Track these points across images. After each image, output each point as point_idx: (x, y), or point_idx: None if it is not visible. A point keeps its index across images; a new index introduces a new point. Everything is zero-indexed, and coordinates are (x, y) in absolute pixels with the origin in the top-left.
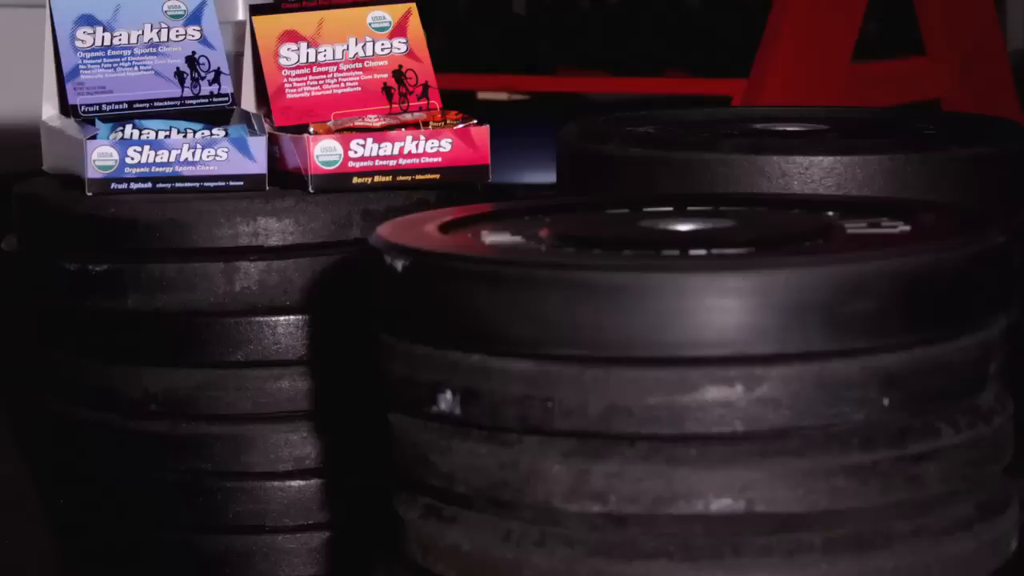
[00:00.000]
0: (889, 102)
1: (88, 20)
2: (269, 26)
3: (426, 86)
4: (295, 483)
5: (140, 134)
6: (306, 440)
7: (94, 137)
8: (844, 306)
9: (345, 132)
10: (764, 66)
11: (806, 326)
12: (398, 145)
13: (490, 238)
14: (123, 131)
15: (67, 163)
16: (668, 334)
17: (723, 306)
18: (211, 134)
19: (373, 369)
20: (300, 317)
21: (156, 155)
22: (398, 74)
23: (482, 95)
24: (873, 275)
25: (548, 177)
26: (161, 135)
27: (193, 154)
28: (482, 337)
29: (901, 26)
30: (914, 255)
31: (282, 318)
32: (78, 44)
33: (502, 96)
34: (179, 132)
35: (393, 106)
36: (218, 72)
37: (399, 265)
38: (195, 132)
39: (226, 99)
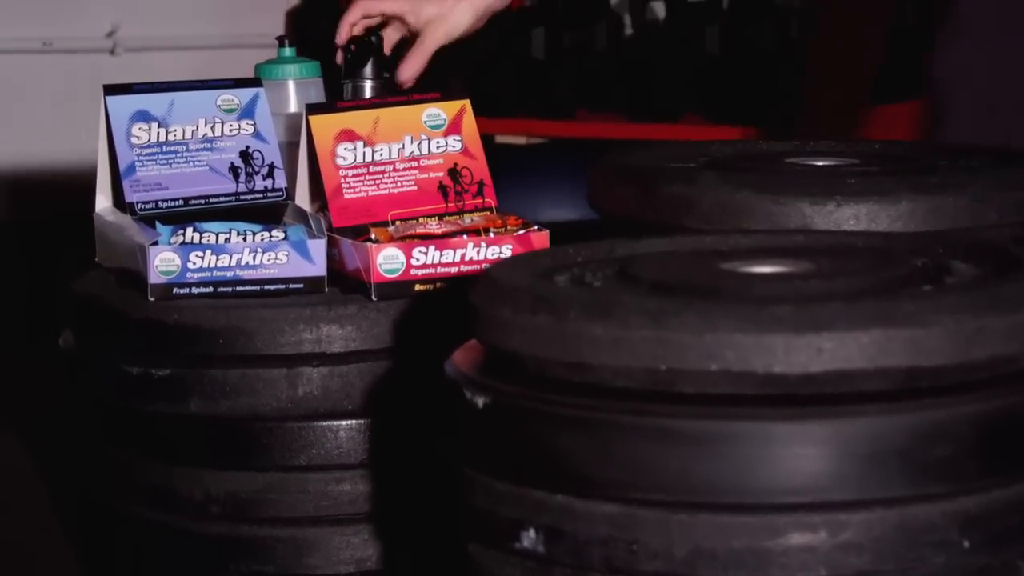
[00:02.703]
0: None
1: (143, 116)
2: (326, 125)
3: (481, 184)
4: None
5: (201, 237)
6: (367, 543)
7: (156, 243)
8: (924, 453)
9: (407, 240)
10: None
11: (887, 473)
12: (460, 252)
13: None
14: (184, 234)
15: (122, 259)
16: (754, 481)
17: (807, 454)
18: (271, 236)
19: (450, 496)
20: (361, 421)
21: (217, 259)
22: (453, 172)
23: (500, 139)
24: (951, 421)
25: (567, 215)
26: (221, 239)
27: (254, 258)
28: (567, 478)
29: (916, 72)
30: (990, 400)
31: (344, 422)
32: (134, 141)
33: (520, 140)
34: (239, 235)
35: (449, 204)
36: (272, 167)
37: (480, 402)
38: (255, 235)
39: (280, 194)
